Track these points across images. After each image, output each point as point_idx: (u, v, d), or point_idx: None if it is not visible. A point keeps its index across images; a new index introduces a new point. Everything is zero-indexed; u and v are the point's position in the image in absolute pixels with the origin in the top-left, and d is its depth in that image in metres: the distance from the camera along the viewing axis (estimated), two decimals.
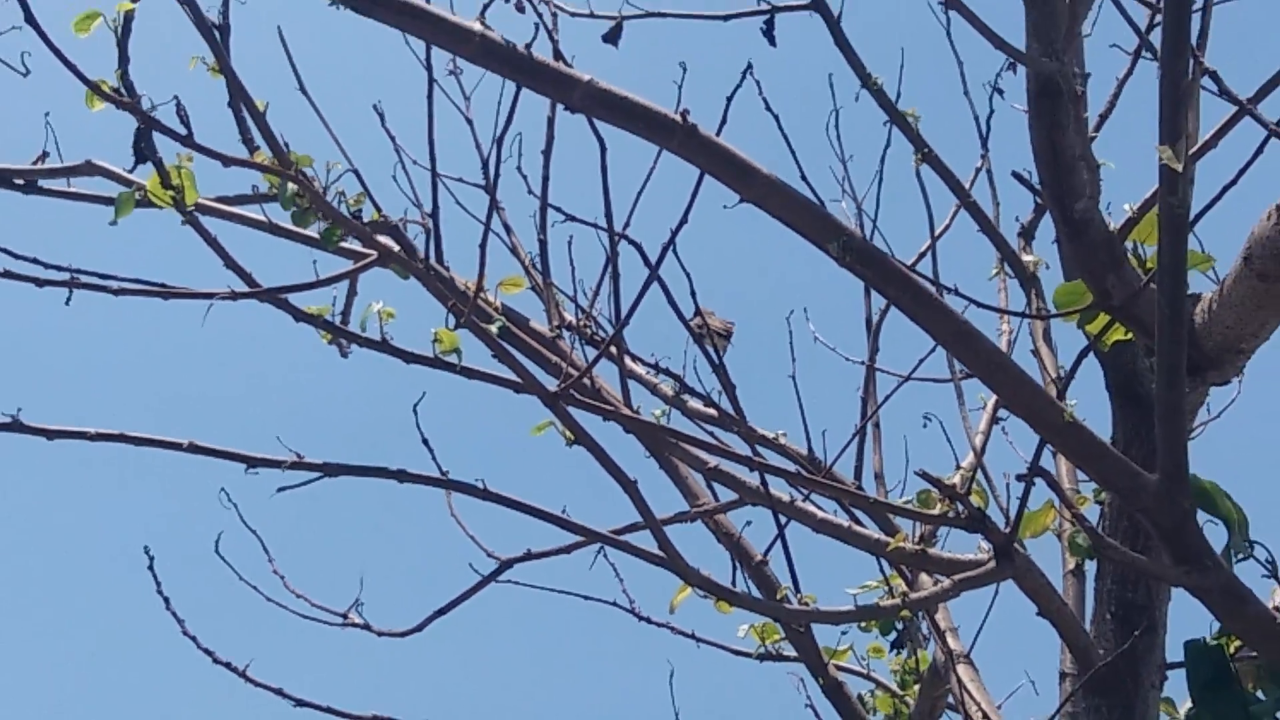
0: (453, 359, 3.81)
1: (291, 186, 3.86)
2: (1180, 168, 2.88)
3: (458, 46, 3.27)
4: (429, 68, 3.81)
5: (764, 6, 4.03)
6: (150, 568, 4.11)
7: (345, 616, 4.06)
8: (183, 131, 3.84)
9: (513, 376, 3.75)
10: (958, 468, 4.36)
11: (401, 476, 3.84)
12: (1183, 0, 2.87)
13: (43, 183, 4.11)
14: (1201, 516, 3.36)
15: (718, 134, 3.16)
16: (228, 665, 4.16)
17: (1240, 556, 3.59)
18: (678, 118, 3.09)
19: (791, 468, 4.08)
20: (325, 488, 3.90)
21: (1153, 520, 3.11)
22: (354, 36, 3.49)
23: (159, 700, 8.44)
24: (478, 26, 3.19)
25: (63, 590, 8.85)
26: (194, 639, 4.17)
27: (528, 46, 3.25)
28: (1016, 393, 3.21)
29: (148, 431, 3.97)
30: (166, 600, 4.14)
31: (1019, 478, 3.24)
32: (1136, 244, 3.77)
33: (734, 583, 3.92)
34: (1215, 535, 3.46)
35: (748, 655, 4.46)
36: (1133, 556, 3.41)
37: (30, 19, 3.68)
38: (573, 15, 4.35)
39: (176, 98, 3.79)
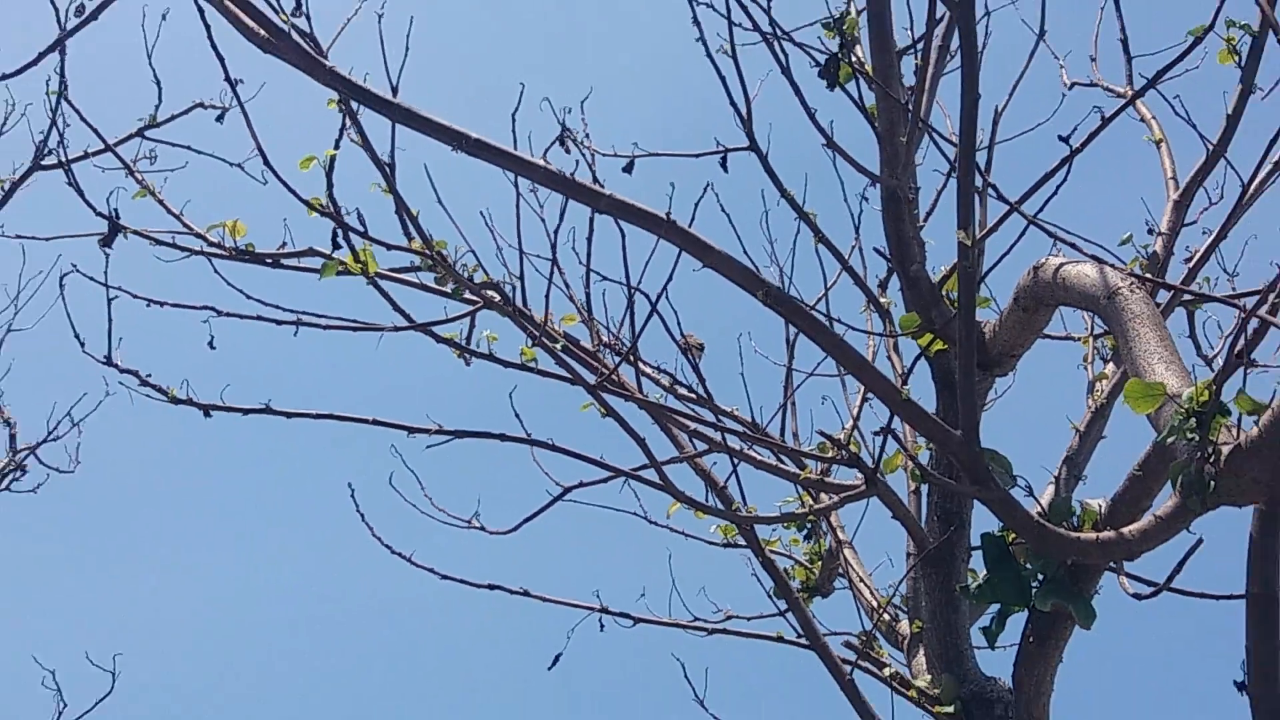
0: (532, 364, 3.90)
1: (433, 261, 3.93)
2: (970, 243, 2.87)
3: (529, 173, 3.27)
4: (516, 188, 3.86)
5: (720, 148, 4.07)
6: (352, 496, 4.12)
7: (469, 522, 4.07)
8: (363, 230, 3.95)
9: (569, 375, 3.83)
10: (843, 429, 4.39)
11: (502, 437, 3.89)
12: (971, 142, 2.86)
13: (283, 261, 4.13)
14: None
15: (690, 225, 3.15)
16: (400, 554, 4.17)
17: (1009, 486, 3.55)
18: (665, 216, 3.09)
19: (740, 429, 4.07)
20: (457, 445, 3.96)
21: (957, 459, 3.07)
22: (472, 168, 3.51)
23: (357, 579, 8.46)
24: (542, 162, 3.21)
25: (300, 513, 8.90)
26: (379, 538, 4.17)
27: (572, 174, 3.27)
28: (875, 383, 3.19)
29: (349, 414, 4.04)
30: (362, 515, 4.15)
31: (875, 433, 3.20)
32: (947, 291, 3.77)
33: (706, 500, 3.99)
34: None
35: (715, 544, 4.46)
36: (947, 481, 3.40)
37: (267, 163, 3.75)
38: (603, 155, 4.41)
39: (358, 209, 3.88)
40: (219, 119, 4.62)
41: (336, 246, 3.92)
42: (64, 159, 4.29)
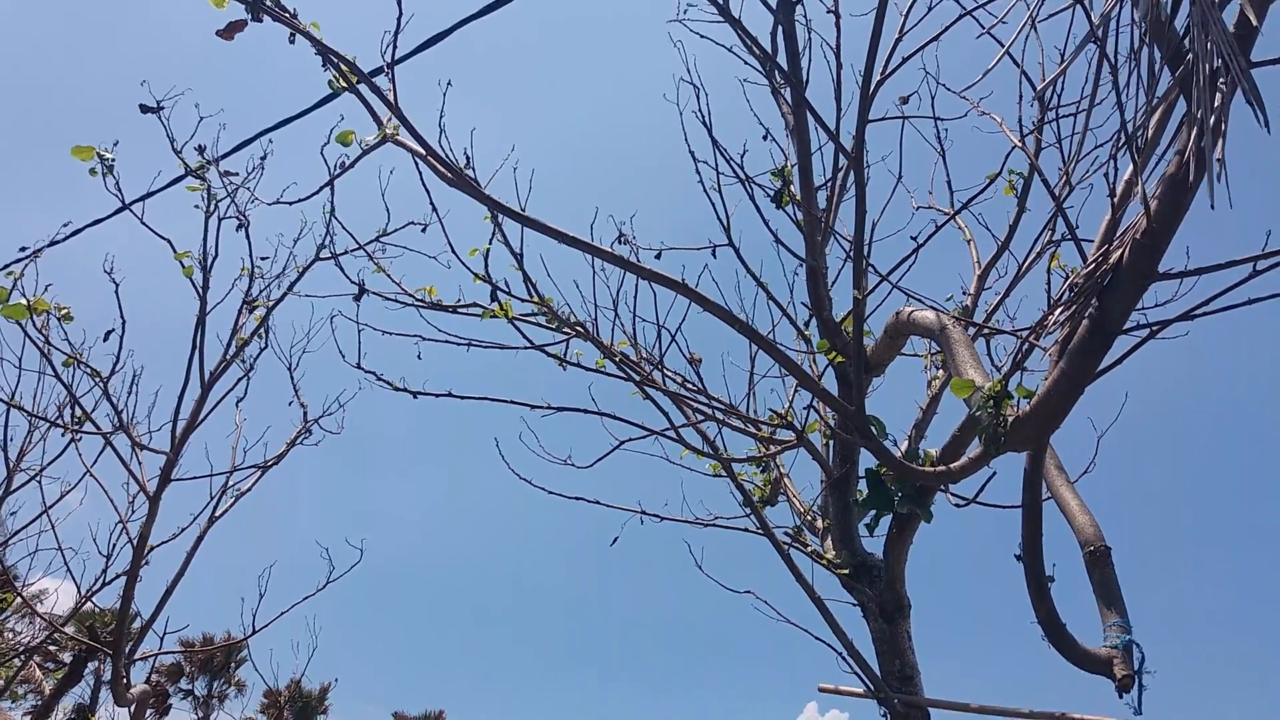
0: (602, 370, 3.86)
1: (545, 309, 3.93)
2: (861, 297, 2.86)
3: (600, 255, 3.12)
4: (593, 265, 3.91)
5: (710, 244, 3.97)
6: (497, 446, 4.04)
7: (565, 460, 4.06)
8: (506, 289, 3.92)
9: (623, 375, 3.80)
10: (785, 406, 4.34)
11: (584, 411, 3.86)
12: (860, 239, 2.81)
13: (459, 309, 4.05)
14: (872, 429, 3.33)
15: (696, 286, 3.07)
16: (525, 479, 4.10)
17: (884, 439, 3.52)
18: (681, 281, 3.02)
19: (723, 408, 4.01)
20: (559, 416, 3.91)
21: (853, 423, 3.05)
22: (567, 254, 3.50)
23: (498, 497, 8.43)
24: (609, 249, 3.11)
25: (467, 454, 8.86)
26: (513, 469, 4.09)
27: (628, 256, 3.28)
28: (803, 378, 3.04)
29: (500, 396, 3.98)
30: (502, 454, 4.06)
31: (805, 408, 3.23)
32: (845, 327, 3.75)
33: (703, 448, 3.93)
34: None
35: (709, 475, 4.32)
36: (846, 436, 3.39)
37: (452, 249, 3.73)
38: (644, 249, 4.20)
39: (506, 279, 3.83)
40: (423, 230, 4.65)
41: (491, 299, 3.92)
42: (334, 253, 4.32)
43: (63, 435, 4.72)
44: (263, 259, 4.84)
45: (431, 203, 3.77)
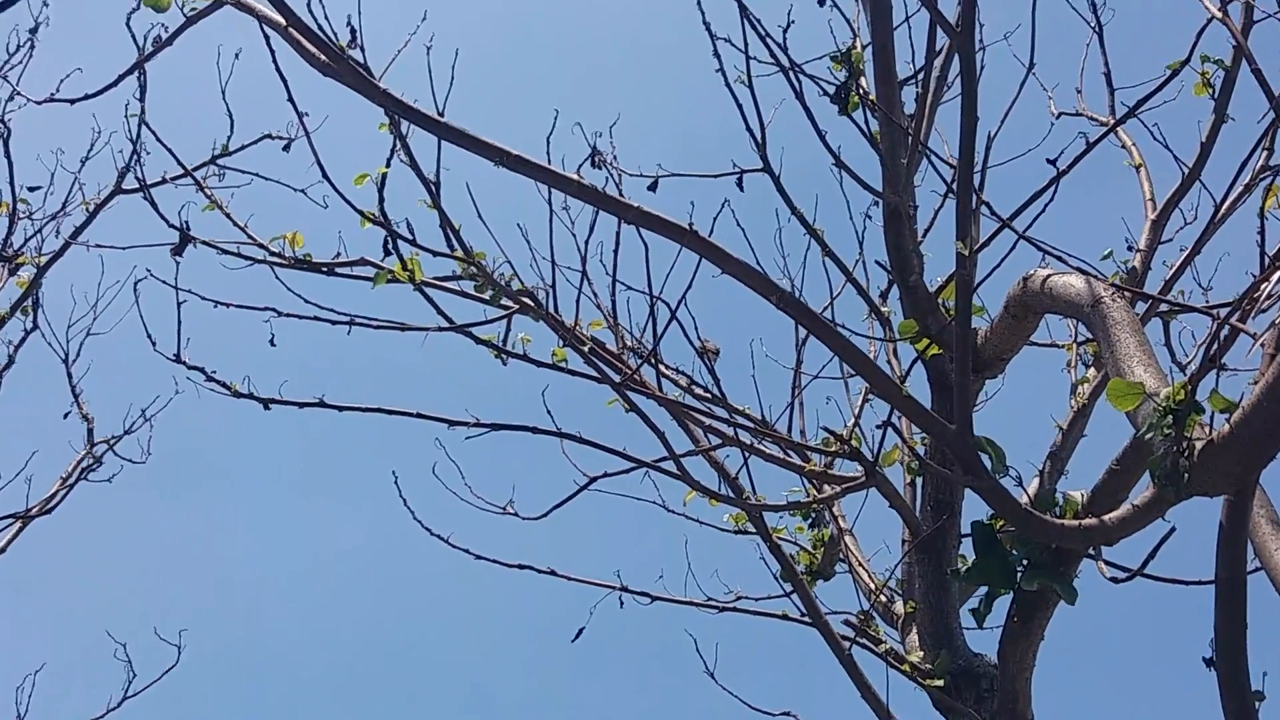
0: (563, 364, 3.88)
1: (474, 270, 3.91)
2: (967, 254, 2.87)
3: (565, 187, 3.26)
4: (550, 204, 3.89)
5: (735, 169, 4.08)
6: (395, 484, 4.09)
7: (504, 509, 4.08)
8: (411, 239, 3.95)
9: (596, 374, 3.82)
10: (845, 426, 4.37)
11: (535, 430, 3.88)
12: (969, 164, 2.85)
13: (337, 270, 4.13)
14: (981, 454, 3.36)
15: (709, 235, 3.16)
16: (439, 536, 4.14)
17: (1001, 475, 3.54)
18: (688, 227, 3.10)
19: (751, 426, 4.07)
20: (492, 437, 3.94)
21: (952, 450, 3.07)
22: (509, 185, 3.52)
23: (399, 560, 8.47)
24: (576, 177, 3.21)
25: (351, 497, 8.91)
26: (420, 522, 4.15)
27: (603, 188, 3.28)
28: (878, 381, 3.17)
29: (395, 407, 4.01)
30: (404, 500, 4.13)
31: (877, 427, 3.21)
32: (943, 300, 3.80)
33: (719, 489, 3.96)
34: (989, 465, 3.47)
35: (727, 531, 4.44)
36: (942, 470, 3.39)
37: (326, 177, 3.80)
38: (629, 175, 4.38)
39: (408, 219, 3.88)
40: (285, 148, 4.65)
41: (387, 254, 3.92)
42: (143, 181, 4.31)
43: None
44: (30, 190, 4.85)
45: (295, 105, 3.76)
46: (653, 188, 4.21)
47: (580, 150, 3.96)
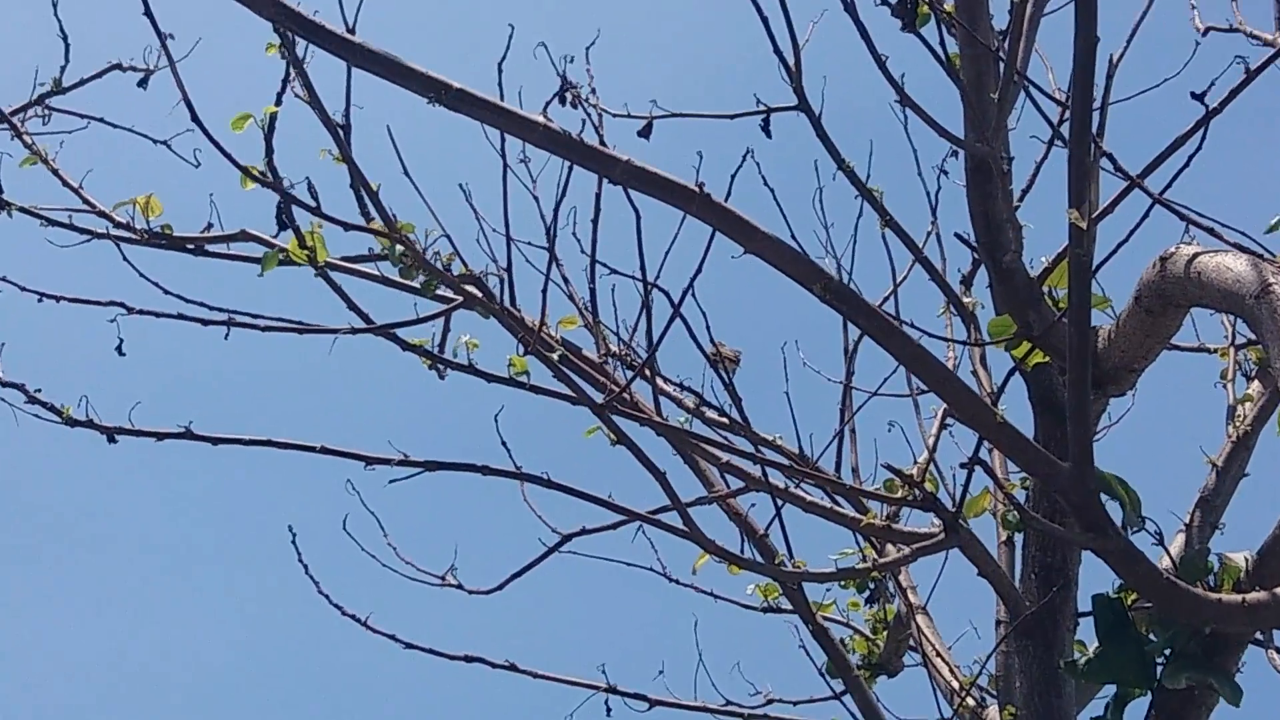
0: (523, 379, 3.83)
1: (399, 248, 3.89)
2: (1085, 226, 2.86)
3: (526, 134, 3.24)
4: (504, 156, 3.86)
5: (761, 108, 4.00)
6: (293, 542, 4.11)
7: (443, 578, 4.05)
8: (314, 204, 3.91)
9: (569, 392, 3.80)
10: (915, 463, 4.32)
11: (485, 470, 3.84)
12: (1086, 100, 2.86)
13: (208, 247, 4.10)
14: (1104, 499, 3.36)
15: (725, 199, 3.13)
16: (353, 617, 4.16)
17: (1134, 529, 3.58)
18: (696, 188, 3.07)
19: (786, 463, 4.07)
20: (427, 479, 3.91)
21: (1066, 498, 3.08)
22: (448, 132, 3.50)
23: (300, 647, 8.44)
24: (541, 119, 3.19)
25: (229, 563, 8.86)
26: (327, 596, 4.17)
27: (579, 135, 3.24)
28: (961, 401, 3.17)
29: (290, 439, 3.99)
30: (306, 567, 4.15)
31: (962, 465, 3.17)
32: (1051, 288, 3.78)
33: (742, 551, 3.94)
34: (1115, 514, 3.46)
35: (753, 609, 4.45)
36: (1052, 526, 3.37)
37: (195, 120, 3.76)
38: (614, 116, 4.33)
39: (308, 178, 3.84)
40: (142, 83, 4.60)
41: (282, 227, 3.90)
42: None
43: None
44: None
45: (154, 22, 3.68)
46: (645, 133, 4.18)
47: (547, 82, 3.94)
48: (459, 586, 4.04)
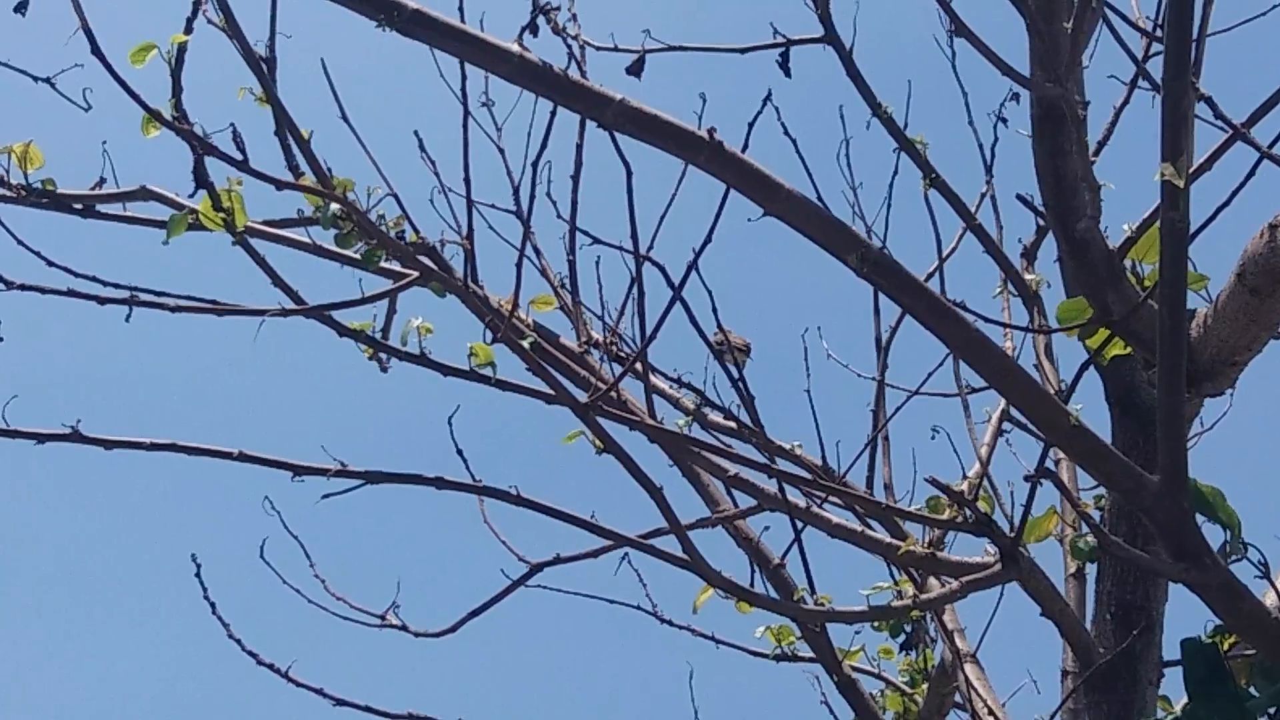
0: (488, 372, 3.81)
1: (334, 208, 3.88)
2: (1181, 183, 2.85)
3: (496, 65, 3.25)
4: (464, 99, 3.87)
5: (779, 40, 4.04)
6: (197, 574, 4.09)
7: (383, 618, 4.06)
8: (238, 156, 3.85)
9: (545, 389, 3.78)
10: (964, 477, 4.35)
11: (439, 484, 3.86)
12: (1183, 27, 2.84)
13: (100, 207, 4.09)
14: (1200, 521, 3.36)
15: (741, 150, 3.15)
16: (271, 666, 4.14)
17: (1235, 557, 3.58)
18: (705, 134, 3.08)
19: (807, 476, 4.08)
20: (366, 495, 3.92)
21: (1154, 519, 3.08)
22: (395, 69, 3.47)
23: (205, 702, 8.43)
24: (516, 48, 3.19)
25: (114, 595, 8.83)
26: (239, 641, 4.15)
27: (564, 72, 3.26)
28: (1026, 398, 3.18)
29: (199, 442, 3.96)
30: (213, 605, 4.13)
31: (1026, 479, 3.20)
32: (1135, 262, 3.78)
33: (752, 585, 3.96)
34: (1212, 537, 3.45)
35: (765, 656, 4.42)
36: (1136, 553, 3.37)
37: (96, 50, 3.71)
38: (598, 49, 4.34)
39: (233, 125, 3.80)
40: (19, 8, 4.57)
41: (200, 184, 3.83)
42: None
43: None
44: None
45: None
46: (636, 70, 4.18)
47: (516, 10, 3.90)
48: (402, 628, 4.06)
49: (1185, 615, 3.67)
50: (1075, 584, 4.12)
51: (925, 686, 4.55)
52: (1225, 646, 3.59)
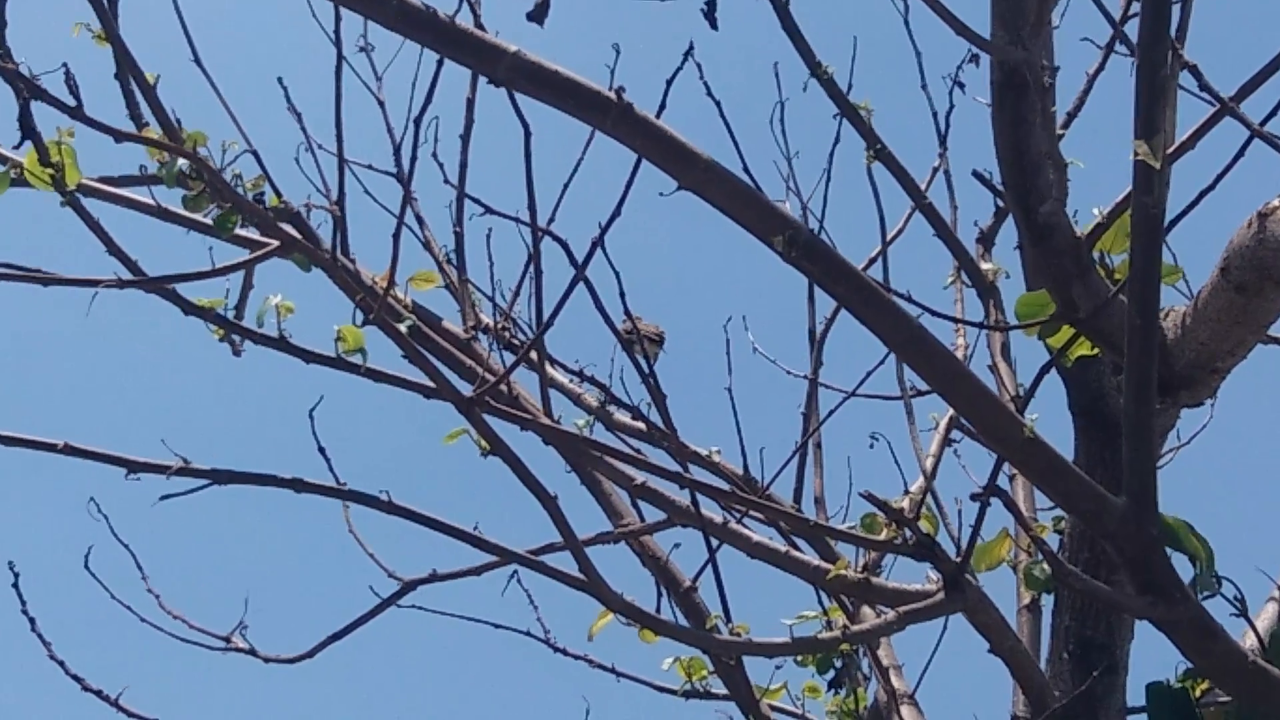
0: (357, 359, 3.76)
1: (182, 164, 3.86)
2: (1158, 165, 2.85)
3: (373, 10, 3.25)
4: (338, 42, 3.87)
5: None
6: (15, 585, 4.06)
7: (228, 640, 4.06)
8: (71, 102, 3.82)
9: (424, 380, 3.75)
10: (906, 492, 4.40)
11: (297, 486, 3.81)
12: None
13: None
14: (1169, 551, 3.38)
15: (657, 116, 3.13)
16: (98, 693, 4.11)
17: (1207, 593, 3.61)
18: (612, 95, 3.07)
19: (725, 487, 4.10)
20: (212, 497, 3.87)
21: (1118, 546, 3.10)
22: (258, 6, 3.45)
23: None
24: None
25: None
26: (61, 663, 4.13)
27: (453, 17, 3.23)
28: (974, 405, 3.18)
29: (18, 430, 3.91)
30: (32, 621, 4.11)
31: (973, 497, 3.18)
32: (1104, 253, 3.80)
33: (659, 610, 3.99)
34: (1184, 569, 3.49)
35: (672, 692, 4.44)
36: (1096, 585, 3.39)
37: None
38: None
39: (65, 65, 3.78)
40: None
41: (26, 133, 3.77)
42: None
43: None
44: None
45: None
46: (539, 15, 4.13)
47: None
48: (251, 652, 4.07)
49: (1152, 656, 3.71)
50: (1029, 617, 4.16)
51: None
52: (1197, 692, 3.64)
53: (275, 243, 3.90)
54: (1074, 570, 3.43)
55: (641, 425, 4.23)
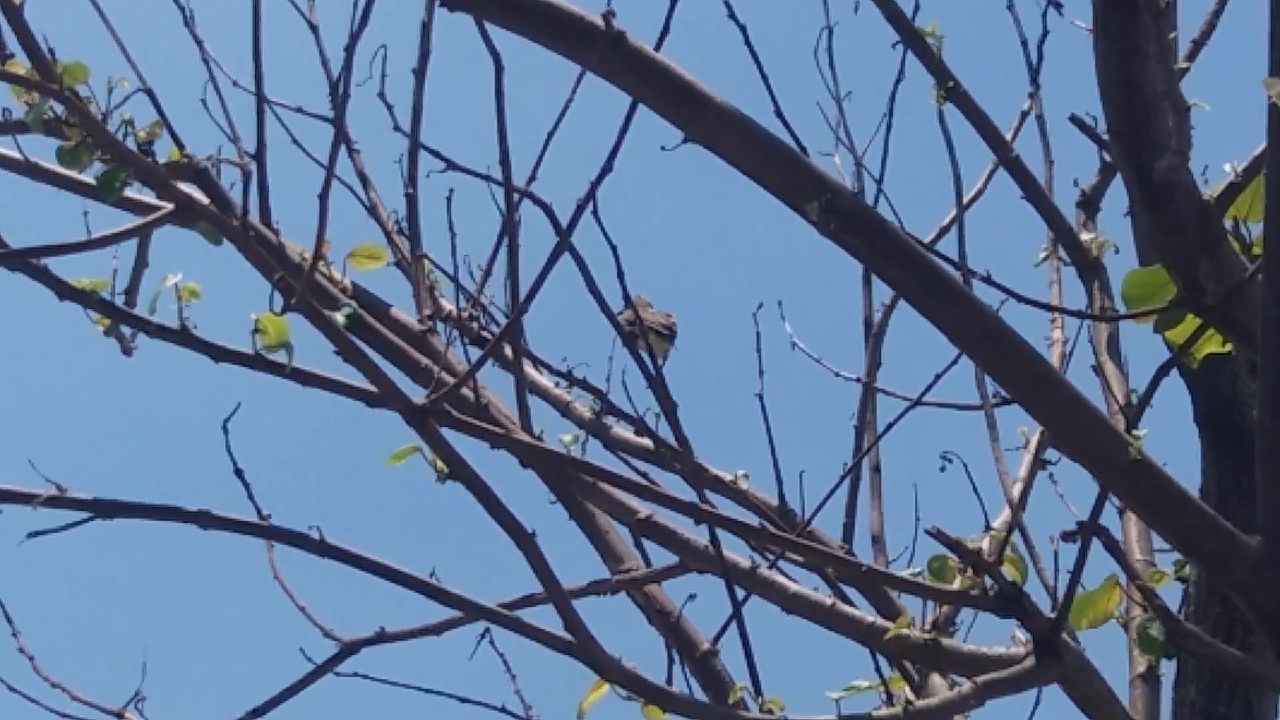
0: (280, 357, 3.78)
1: (50, 106, 3.85)
2: None
3: None
4: None
5: None
6: None
7: (121, 715, 4.09)
8: None
9: (365, 384, 3.74)
10: (987, 528, 4.37)
11: (204, 520, 3.80)
12: None
13: None
14: None
15: (657, 48, 3.13)
16: None
17: None
18: (599, 21, 3.06)
19: (755, 522, 3.98)
20: (96, 532, 3.87)
21: (1249, 599, 3.11)
22: None
23: None
24: None
25: None
26: None
27: None
28: (1064, 417, 3.19)
29: None
30: None
31: (1066, 536, 3.19)
32: (1239, 221, 3.77)
33: (670, 679, 3.97)
34: None
35: None
36: (1222, 649, 3.39)
37: None
38: None
39: None
40: None
41: None
42: None
43: None
44: None
45: None
46: None
47: None
48: None
49: None
50: (1145, 689, 4.20)
51: None
52: None
53: (172, 206, 3.88)
54: (1193, 630, 3.43)
55: (647, 442, 4.27)
